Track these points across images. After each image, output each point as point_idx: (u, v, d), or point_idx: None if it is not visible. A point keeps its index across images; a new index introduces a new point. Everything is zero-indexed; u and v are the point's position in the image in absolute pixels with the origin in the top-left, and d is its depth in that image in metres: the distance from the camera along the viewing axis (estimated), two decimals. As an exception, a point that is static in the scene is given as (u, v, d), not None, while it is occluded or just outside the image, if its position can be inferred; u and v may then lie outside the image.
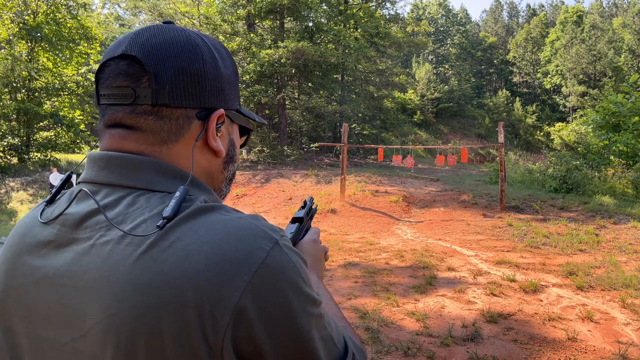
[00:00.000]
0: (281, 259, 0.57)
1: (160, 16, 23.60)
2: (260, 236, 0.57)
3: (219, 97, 0.67)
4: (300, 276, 0.58)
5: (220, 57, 0.67)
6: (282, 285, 0.56)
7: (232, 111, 0.70)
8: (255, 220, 0.60)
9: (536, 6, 71.82)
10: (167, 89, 0.62)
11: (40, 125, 17.08)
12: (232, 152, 0.72)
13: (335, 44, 22.81)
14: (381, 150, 12.85)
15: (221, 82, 0.67)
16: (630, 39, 46.92)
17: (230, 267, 0.53)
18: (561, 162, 14.78)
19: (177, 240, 0.54)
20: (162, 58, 0.62)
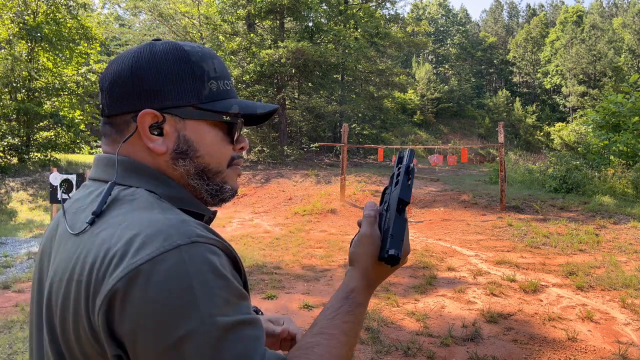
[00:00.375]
0: (170, 265, 0.58)
1: (160, 16, 23.61)
2: (155, 236, 0.61)
3: (153, 99, 0.73)
4: (186, 289, 0.57)
5: (157, 61, 0.73)
6: (156, 290, 0.57)
7: (183, 108, 0.74)
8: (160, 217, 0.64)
9: (536, 6, 71.85)
10: (107, 101, 0.75)
11: (40, 125, 17.06)
12: (183, 148, 0.75)
13: (335, 44, 22.81)
14: (381, 150, 12.85)
15: (154, 84, 0.73)
16: (630, 39, 46.91)
17: (116, 258, 0.60)
18: (561, 162, 14.77)
19: (100, 231, 0.65)
20: (104, 75, 0.76)
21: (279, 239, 8.71)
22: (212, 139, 0.77)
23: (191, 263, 0.59)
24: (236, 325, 0.59)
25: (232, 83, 0.81)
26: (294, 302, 5.03)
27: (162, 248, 0.59)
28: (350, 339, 0.71)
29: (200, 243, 0.61)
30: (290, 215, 11.49)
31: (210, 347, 0.57)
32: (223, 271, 0.61)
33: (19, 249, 7.95)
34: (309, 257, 7.28)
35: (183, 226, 0.63)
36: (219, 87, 0.77)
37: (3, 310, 4.93)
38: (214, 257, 0.62)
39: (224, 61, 0.82)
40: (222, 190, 0.79)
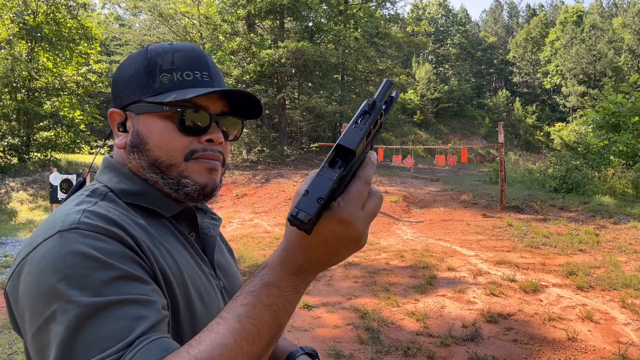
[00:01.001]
0: (44, 250, 0.62)
1: (160, 16, 23.60)
2: (48, 226, 0.65)
3: (118, 99, 0.80)
4: (54, 271, 0.60)
5: (126, 64, 0.80)
6: (31, 275, 0.62)
7: (136, 104, 0.77)
8: (65, 209, 0.68)
9: (536, 6, 71.81)
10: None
11: (40, 125, 17.06)
12: (135, 141, 0.77)
13: (335, 44, 22.81)
14: (381, 150, 12.84)
15: (120, 86, 0.79)
16: (630, 39, 46.90)
17: (20, 253, 0.67)
18: (561, 162, 14.78)
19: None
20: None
21: (279, 239, 8.71)
22: (160, 130, 0.76)
23: (63, 247, 0.61)
24: (111, 304, 0.57)
25: (205, 73, 0.78)
26: (293, 302, 5.02)
27: (45, 236, 0.63)
28: (248, 326, 0.57)
29: (80, 230, 0.63)
30: (290, 215, 11.49)
31: (76, 324, 0.56)
32: (98, 254, 0.61)
33: (19, 249, 7.93)
34: (309, 257, 7.27)
35: (73, 214, 0.65)
36: (172, 79, 0.76)
37: (3, 310, 4.93)
38: (92, 241, 0.62)
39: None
40: (180, 184, 0.76)
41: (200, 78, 0.77)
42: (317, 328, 4.34)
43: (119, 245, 0.64)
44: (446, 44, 52.33)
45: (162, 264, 0.69)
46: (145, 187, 0.77)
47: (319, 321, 4.54)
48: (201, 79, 0.78)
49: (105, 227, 0.65)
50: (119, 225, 0.67)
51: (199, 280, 0.77)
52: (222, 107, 0.80)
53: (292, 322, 4.41)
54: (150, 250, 0.69)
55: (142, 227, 0.71)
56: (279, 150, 21.58)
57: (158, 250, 0.71)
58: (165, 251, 0.72)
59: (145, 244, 0.68)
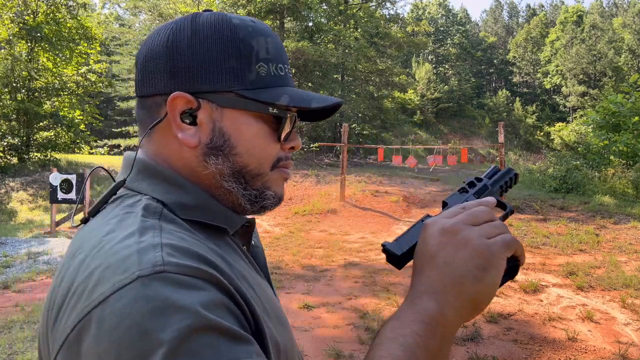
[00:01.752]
0: (122, 305, 0.44)
1: (160, 16, 23.61)
2: (113, 265, 0.48)
3: (187, 79, 0.60)
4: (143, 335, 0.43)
5: (205, 35, 0.60)
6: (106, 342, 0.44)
7: (222, 94, 0.60)
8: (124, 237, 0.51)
9: (536, 6, 71.79)
10: (142, 79, 0.63)
11: (40, 125, 17.05)
12: (218, 142, 0.61)
13: (335, 44, 22.81)
14: (381, 150, 12.84)
15: (195, 61, 0.60)
16: (630, 39, 46.90)
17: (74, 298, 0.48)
18: (561, 162, 14.78)
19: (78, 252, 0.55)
20: (140, 49, 0.65)
21: (279, 239, 8.71)
22: (254, 134, 0.62)
23: (152, 300, 0.44)
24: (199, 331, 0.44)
25: (289, 68, 0.67)
26: (294, 302, 5.03)
27: (118, 283, 0.46)
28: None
29: (168, 273, 0.46)
30: (290, 215, 11.49)
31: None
32: (200, 309, 0.45)
33: (19, 249, 7.94)
34: (309, 257, 7.28)
35: (149, 250, 0.49)
36: (269, 71, 0.63)
37: (3, 310, 4.92)
38: (187, 291, 0.46)
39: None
40: (262, 196, 0.64)
41: (286, 73, 0.66)
42: (317, 328, 4.34)
43: (217, 293, 0.49)
44: (446, 44, 52.33)
45: (247, 297, 0.54)
46: (206, 199, 0.62)
47: (319, 321, 4.54)
48: (287, 74, 0.66)
49: (198, 268, 0.49)
50: (208, 261, 0.51)
51: (272, 303, 0.64)
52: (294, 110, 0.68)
53: (292, 322, 4.41)
54: (237, 286, 0.53)
55: (219, 255, 0.57)
56: (278, 150, 21.56)
57: (240, 281, 0.55)
58: (243, 280, 0.58)
59: (235, 279, 0.54)
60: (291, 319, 4.17)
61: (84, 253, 0.52)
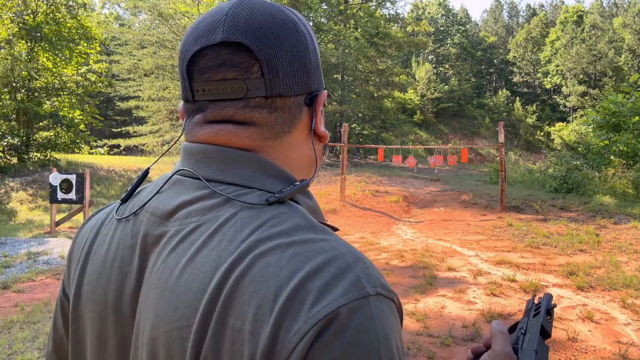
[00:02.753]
0: (363, 320, 0.44)
1: (160, 16, 23.60)
2: (349, 276, 0.46)
3: (320, 78, 0.62)
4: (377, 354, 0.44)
5: (312, 37, 0.62)
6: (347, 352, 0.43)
7: (318, 92, 0.62)
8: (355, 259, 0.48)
9: (536, 6, 71.80)
10: (280, 77, 0.56)
11: (40, 125, 17.05)
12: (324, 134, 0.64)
13: (335, 43, 22.82)
14: (381, 150, 12.84)
15: (318, 61, 0.62)
16: (630, 39, 46.90)
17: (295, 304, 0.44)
18: (561, 162, 14.77)
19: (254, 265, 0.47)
20: (272, 43, 0.55)
21: (279, 239, 8.70)
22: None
23: (380, 324, 0.45)
24: None
25: None
26: (293, 302, 5.02)
27: (351, 295, 0.44)
28: None
29: (383, 297, 0.47)
30: (290, 215, 11.49)
31: None
32: (397, 339, 0.47)
33: (19, 249, 7.94)
34: (309, 257, 7.27)
35: (367, 268, 0.48)
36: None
37: (3, 310, 4.92)
38: (395, 319, 0.48)
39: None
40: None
41: None
42: (317, 328, 4.34)
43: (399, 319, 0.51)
44: (446, 44, 52.33)
45: None
46: (315, 200, 0.61)
47: (319, 321, 4.53)
48: None
49: (394, 293, 0.50)
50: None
51: None
52: None
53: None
54: None
55: None
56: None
57: None
58: None
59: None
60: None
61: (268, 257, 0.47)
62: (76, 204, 9.85)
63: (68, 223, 10.26)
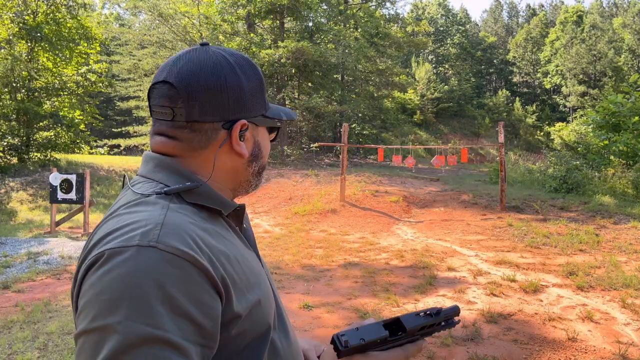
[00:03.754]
0: (118, 261, 0.62)
1: (160, 16, 23.59)
2: (129, 230, 0.66)
3: (241, 109, 0.81)
4: (121, 287, 0.60)
5: (243, 73, 0.81)
6: (99, 280, 0.62)
7: (256, 117, 0.83)
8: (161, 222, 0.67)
9: (536, 6, 71.81)
10: (196, 108, 0.77)
11: (40, 125, 17.04)
12: (257, 151, 0.86)
13: (335, 44, 22.81)
14: (381, 150, 12.84)
15: (243, 95, 0.81)
16: (630, 39, 46.90)
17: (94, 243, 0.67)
18: (561, 162, 14.77)
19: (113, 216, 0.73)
20: (192, 83, 0.77)
21: (279, 239, 8.71)
22: (266, 141, 0.89)
23: (138, 265, 0.61)
24: (155, 341, 0.58)
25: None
26: (293, 302, 5.03)
27: (122, 242, 0.63)
28: None
29: (158, 249, 0.63)
30: (290, 215, 11.49)
31: (120, 349, 0.57)
32: (170, 286, 0.61)
33: (19, 249, 7.94)
34: (308, 257, 7.28)
35: (154, 229, 0.65)
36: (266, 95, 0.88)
37: (3, 310, 4.92)
38: (169, 267, 0.62)
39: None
40: (259, 183, 0.90)
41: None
42: (317, 328, 4.34)
43: (201, 276, 0.64)
44: (446, 44, 52.32)
45: (231, 274, 0.71)
46: (206, 188, 0.79)
47: (319, 321, 4.54)
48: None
49: (185, 251, 0.64)
50: (197, 243, 0.67)
51: (257, 272, 0.81)
52: None
53: (292, 322, 4.40)
54: (221, 263, 0.69)
55: (209, 233, 0.73)
56: (279, 150, 21.58)
57: (225, 257, 0.72)
58: (230, 255, 0.74)
59: (217, 259, 0.69)
60: (291, 319, 4.16)
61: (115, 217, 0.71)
62: (76, 204, 9.86)
63: (68, 223, 10.26)
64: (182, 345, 0.60)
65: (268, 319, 0.77)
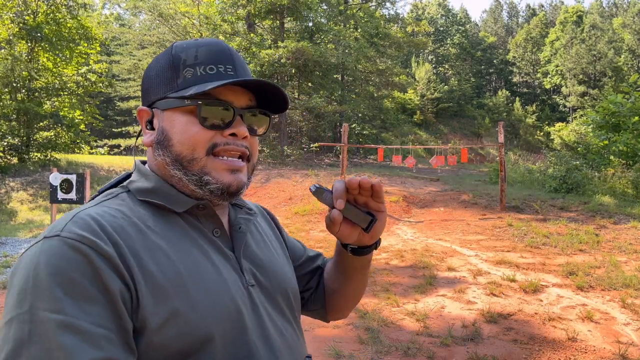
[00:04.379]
0: (31, 253, 0.64)
1: (160, 16, 23.60)
2: (52, 227, 0.67)
3: (146, 96, 0.81)
4: (26, 277, 0.61)
5: (154, 62, 0.81)
6: (17, 273, 0.64)
7: (161, 101, 0.77)
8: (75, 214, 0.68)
9: (536, 6, 71.80)
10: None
11: (40, 125, 17.05)
12: (160, 138, 0.77)
13: (335, 44, 22.81)
14: (381, 150, 12.84)
15: (147, 84, 0.80)
16: (630, 39, 46.90)
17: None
18: (561, 162, 14.77)
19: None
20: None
21: (279, 239, 8.70)
22: (183, 125, 0.75)
23: (41, 254, 0.62)
24: (59, 326, 0.58)
25: (231, 68, 0.78)
26: (294, 302, 5.02)
27: (41, 236, 0.66)
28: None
29: (61, 237, 0.63)
30: (290, 215, 11.49)
31: (25, 337, 0.58)
32: (70, 271, 0.61)
33: (19, 249, 7.95)
34: (309, 257, 7.27)
35: (64, 220, 0.67)
36: (195, 73, 0.75)
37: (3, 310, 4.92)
38: (69, 251, 0.62)
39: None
40: (203, 181, 0.75)
41: (224, 72, 0.76)
42: (317, 328, 4.34)
43: (100, 259, 0.63)
44: (446, 44, 52.32)
45: (149, 268, 0.67)
46: (159, 184, 0.77)
47: (318, 321, 4.54)
48: (225, 73, 0.76)
49: (86, 236, 0.64)
50: (105, 231, 0.66)
51: (204, 276, 0.72)
52: (247, 100, 0.79)
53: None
54: (136, 255, 0.67)
55: (138, 228, 0.70)
56: (279, 150, 21.58)
57: (150, 253, 0.68)
58: (160, 253, 0.69)
59: (130, 250, 0.67)
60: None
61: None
62: (76, 204, 9.86)
63: (68, 223, 10.26)
64: (86, 329, 0.58)
65: (200, 332, 0.68)
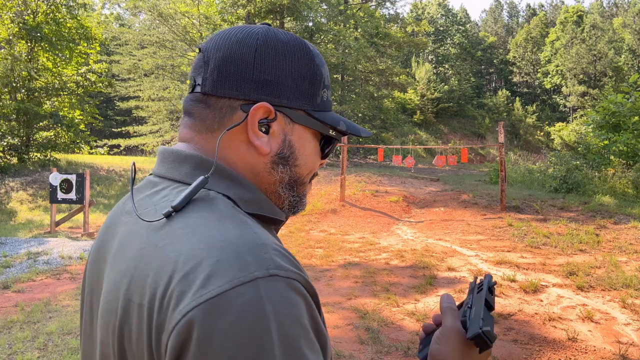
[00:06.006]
0: (242, 303, 0.48)
1: (160, 16, 23.59)
2: (228, 260, 0.51)
3: (270, 91, 0.65)
4: (266, 336, 0.48)
5: (288, 51, 0.66)
6: (233, 332, 0.48)
7: (294, 110, 0.67)
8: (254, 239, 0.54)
9: (536, 6, 71.83)
10: (213, 77, 0.65)
11: (40, 125, 17.04)
12: (286, 153, 0.67)
13: (335, 44, 22.82)
14: (381, 150, 12.84)
15: (278, 76, 0.65)
16: (630, 39, 46.90)
17: (181, 286, 0.50)
18: (561, 162, 14.76)
19: (165, 244, 0.56)
20: (216, 48, 0.66)
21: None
22: (311, 149, 0.71)
23: (269, 302, 0.49)
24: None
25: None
26: (293, 302, 5.02)
27: (236, 280, 0.49)
28: None
29: (279, 277, 0.52)
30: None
31: None
32: (302, 317, 0.51)
33: (19, 249, 7.94)
34: (309, 257, 7.28)
35: (261, 252, 0.53)
36: (327, 97, 0.71)
37: (3, 310, 4.92)
38: (295, 296, 0.52)
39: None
40: (301, 202, 0.73)
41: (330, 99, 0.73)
42: (317, 328, 4.34)
43: (310, 296, 0.55)
44: (446, 44, 52.31)
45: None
46: (258, 194, 0.66)
47: (319, 321, 4.53)
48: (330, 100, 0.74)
49: (299, 273, 0.54)
50: (297, 262, 0.57)
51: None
52: None
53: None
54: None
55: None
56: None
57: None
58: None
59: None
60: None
61: (178, 244, 0.54)
62: (76, 204, 9.85)
63: (68, 223, 10.26)
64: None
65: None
